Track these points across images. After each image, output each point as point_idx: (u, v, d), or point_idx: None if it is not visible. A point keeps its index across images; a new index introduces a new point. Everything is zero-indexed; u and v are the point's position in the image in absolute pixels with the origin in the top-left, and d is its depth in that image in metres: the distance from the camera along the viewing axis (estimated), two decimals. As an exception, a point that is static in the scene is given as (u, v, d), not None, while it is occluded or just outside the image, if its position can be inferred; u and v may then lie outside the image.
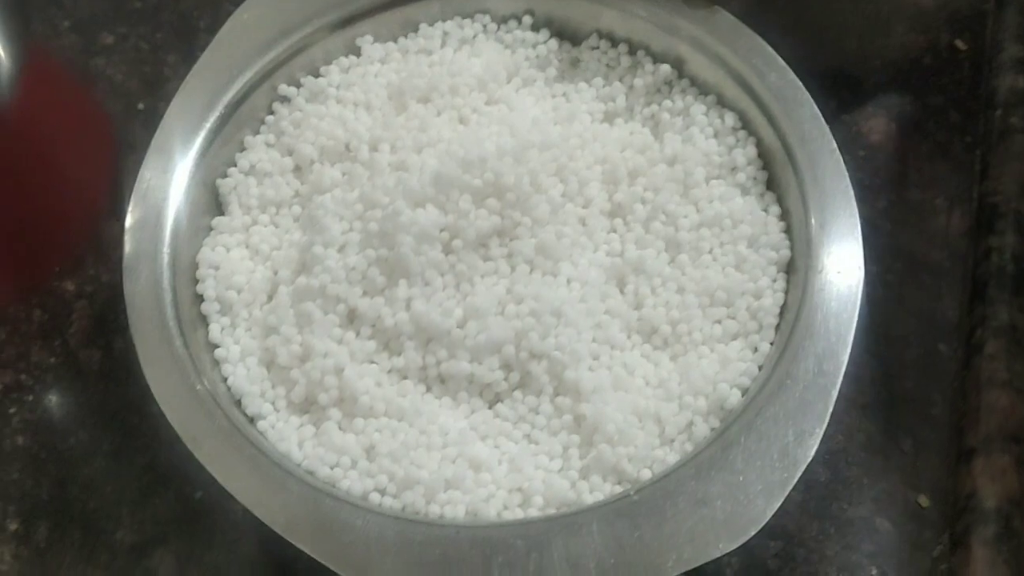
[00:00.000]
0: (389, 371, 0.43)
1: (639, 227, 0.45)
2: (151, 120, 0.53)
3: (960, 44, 0.55)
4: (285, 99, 0.48)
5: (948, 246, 0.50)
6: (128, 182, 0.46)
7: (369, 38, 0.49)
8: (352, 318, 0.44)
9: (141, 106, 0.54)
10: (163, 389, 0.41)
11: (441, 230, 0.44)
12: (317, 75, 0.49)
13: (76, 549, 0.45)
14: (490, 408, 0.43)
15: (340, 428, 0.42)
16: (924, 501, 0.45)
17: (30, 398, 0.48)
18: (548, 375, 0.42)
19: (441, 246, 0.44)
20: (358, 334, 0.44)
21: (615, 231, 0.46)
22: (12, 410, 0.48)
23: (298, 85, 0.48)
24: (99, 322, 0.50)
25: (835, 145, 0.44)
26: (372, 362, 0.43)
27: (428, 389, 0.43)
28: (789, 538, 0.44)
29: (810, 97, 0.46)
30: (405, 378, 0.43)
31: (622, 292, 0.45)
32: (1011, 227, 0.49)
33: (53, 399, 0.49)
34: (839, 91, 0.53)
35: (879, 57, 0.54)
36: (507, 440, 0.42)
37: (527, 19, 0.50)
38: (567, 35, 0.51)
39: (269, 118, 0.48)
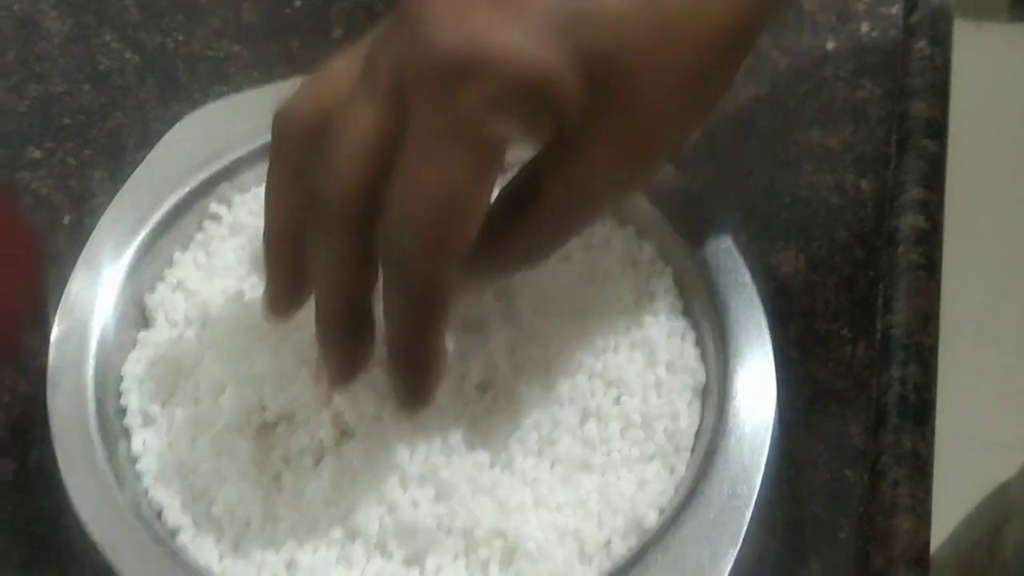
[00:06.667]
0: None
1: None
2: (76, 234, 0.53)
3: (864, 184, 0.57)
4: (216, 216, 0.49)
5: (853, 375, 0.52)
6: (50, 295, 0.46)
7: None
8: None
9: (66, 220, 0.55)
10: (84, 501, 0.41)
11: None
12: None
13: (-19, 666, 0.44)
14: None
15: (261, 543, 0.42)
16: (831, 623, 0.46)
17: (-61, 510, 0.48)
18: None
19: None
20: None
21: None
22: (-80, 523, 0.47)
23: (229, 204, 0.49)
24: (15, 432, 0.49)
25: (749, 277, 0.46)
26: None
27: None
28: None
29: (724, 229, 0.48)
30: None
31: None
32: (913, 359, 0.51)
33: (-37, 511, 0.48)
34: (750, 225, 0.55)
35: (788, 194, 0.57)
36: (427, 555, 0.42)
37: None
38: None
39: (199, 235, 0.48)
